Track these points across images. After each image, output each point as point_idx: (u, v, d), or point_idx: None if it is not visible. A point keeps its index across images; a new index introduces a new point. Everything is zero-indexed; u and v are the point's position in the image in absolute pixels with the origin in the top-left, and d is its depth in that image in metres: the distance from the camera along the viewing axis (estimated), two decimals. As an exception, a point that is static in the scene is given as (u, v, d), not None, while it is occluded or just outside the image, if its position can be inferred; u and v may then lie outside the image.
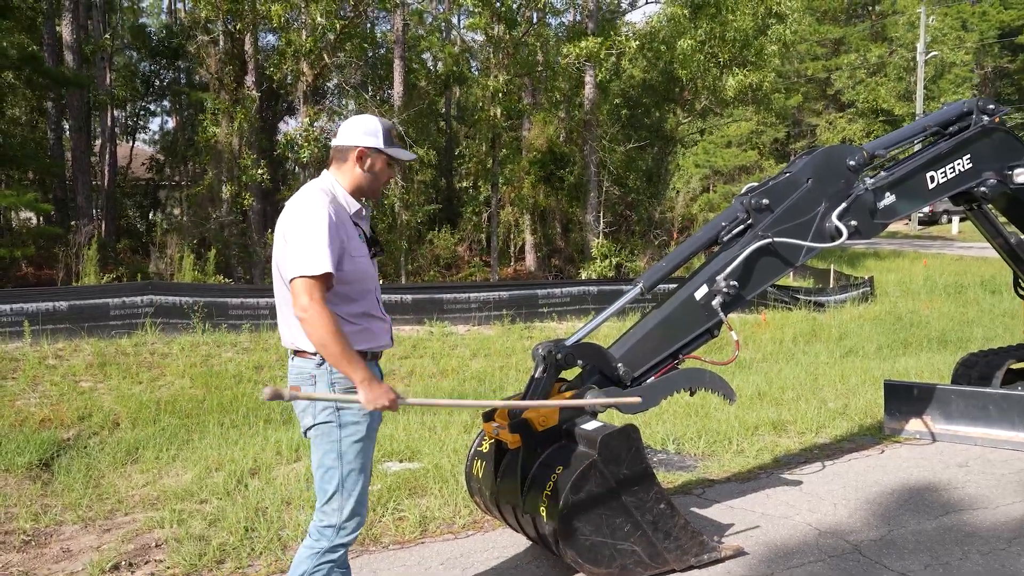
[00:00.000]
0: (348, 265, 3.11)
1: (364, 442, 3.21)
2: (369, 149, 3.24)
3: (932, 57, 41.04)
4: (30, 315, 11.69)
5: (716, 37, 23.38)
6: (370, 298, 3.25)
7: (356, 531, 3.24)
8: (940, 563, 4.23)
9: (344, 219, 3.15)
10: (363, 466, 3.22)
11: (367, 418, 3.19)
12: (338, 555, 3.22)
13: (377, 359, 3.37)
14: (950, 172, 5.58)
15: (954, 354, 10.38)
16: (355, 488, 3.19)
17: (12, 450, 6.56)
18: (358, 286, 3.18)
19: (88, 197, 21.84)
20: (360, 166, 3.24)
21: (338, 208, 3.15)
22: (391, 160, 3.32)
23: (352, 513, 3.19)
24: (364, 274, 3.19)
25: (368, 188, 3.29)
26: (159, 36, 30.42)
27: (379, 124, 3.26)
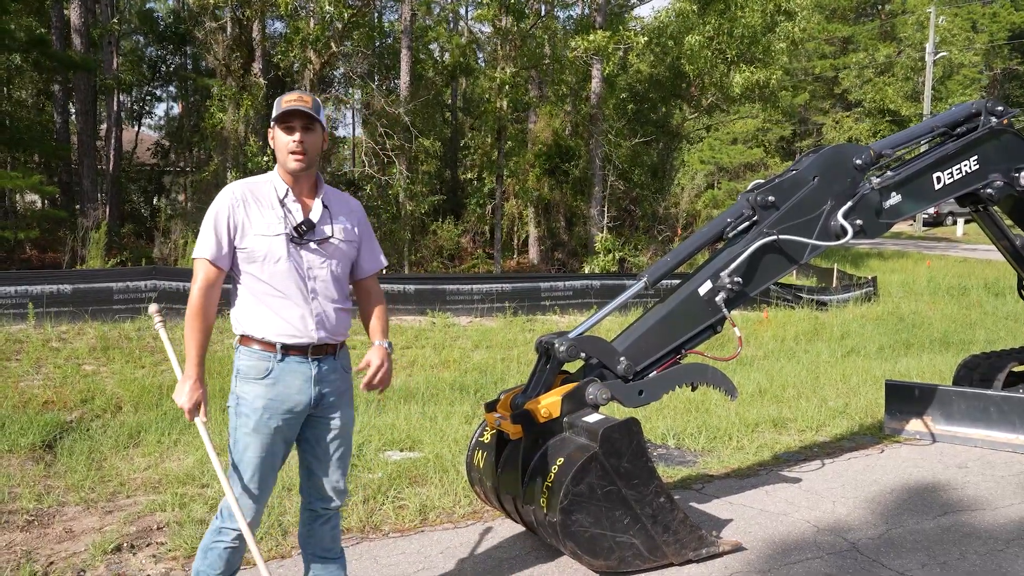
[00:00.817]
0: (249, 243, 3.15)
1: (254, 436, 3.16)
2: (270, 128, 3.25)
3: (941, 58, 40.91)
4: (34, 297, 11.71)
5: (724, 33, 23.32)
6: (278, 279, 3.17)
7: (248, 521, 3.16)
8: (937, 562, 4.25)
9: (258, 200, 3.19)
10: (253, 460, 3.16)
11: (257, 412, 3.15)
12: (229, 538, 3.22)
13: (301, 353, 3.20)
14: (957, 173, 5.58)
15: (956, 356, 10.38)
16: (242, 478, 3.17)
17: (15, 431, 6.59)
18: (266, 267, 3.16)
19: (93, 181, 21.86)
20: (273, 147, 3.25)
21: (256, 191, 3.21)
22: (284, 125, 3.17)
23: (232, 502, 3.16)
24: (267, 254, 3.15)
25: (281, 163, 3.23)
26: (166, 21, 30.40)
27: (277, 100, 3.24)
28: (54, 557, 4.29)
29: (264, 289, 3.18)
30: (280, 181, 3.25)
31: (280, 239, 3.16)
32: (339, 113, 31.70)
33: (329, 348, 3.28)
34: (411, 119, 20.51)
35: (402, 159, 20.38)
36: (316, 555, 3.46)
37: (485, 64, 27.02)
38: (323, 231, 3.26)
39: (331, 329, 3.27)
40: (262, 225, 3.16)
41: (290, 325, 3.18)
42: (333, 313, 3.28)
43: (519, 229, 28.17)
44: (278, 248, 3.16)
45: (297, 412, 3.21)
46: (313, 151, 3.22)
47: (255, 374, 3.18)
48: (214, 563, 3.24)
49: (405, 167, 20.47)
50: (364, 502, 5.01)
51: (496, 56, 22.23)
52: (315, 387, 3.23)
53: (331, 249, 3.28)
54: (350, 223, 3.37)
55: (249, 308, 3.22)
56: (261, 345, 3.19)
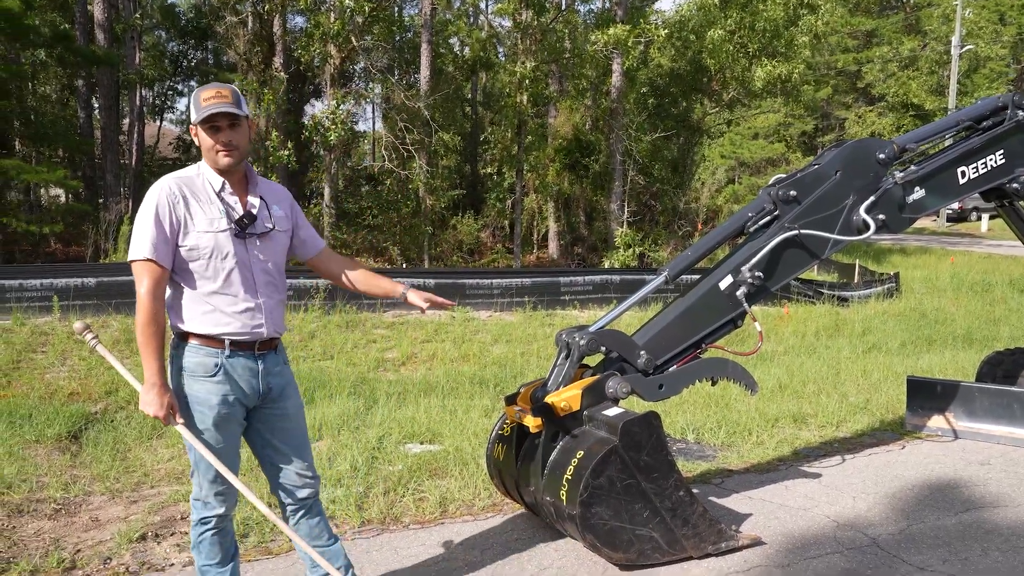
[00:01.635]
0: (193, 240, 3.07)
1: (213, 431, 3.16)
2: (192, 126, 3.15)
3: (967, 51, 40.40)
4: (59, 290, 11.86)
5: (746, 27, 23.17)
6: (227, 277, 3.12)
7: (223, 506, 3.23)
8: (959, 559, 4.23)
9: (196, 195, 3.11)
10: (213, 449, 3.15)
11: (215, 409, 3.14)
12: (209, 526, 3.26)
13: (249, 349, 3.19)
14: (982, 168, 5.53)
15: (979, 352, 10.28)
16: (210, 470, 3.17)
17: (42, 422, 6.69)
18: (209, 263, 3.09)
19: (116, 175, 22.09)
20: (198, 142, 3.18)
21: (191, 185, 3.13)
22: (208, 126, 3.08)
23: (209, 490, 3.22)
24: (211, 249, 3.08)
25: (211, 161, 3.15)
26: (188, 16, 30.65)
27: (192, 96, 3.15)
28: (81, 545, 4.36)
29: (209, 286, 3.11)
30: (213, 174, 3.17)
31: (225, 234, 3.10)
32: (359, 108, 31.79)
33: (273, 343, 3.29)
34: (431, 113, 20.56)
35: (422, 154, 20.44)
36: (311, 546, 3.44)
37: (505, 58, 27.02)
38: (264, 224, 3.22)
39: (276, 324, 3.26)
40: (204, 221, 3.09)
41: (238, 321, 3.14)
42: (276, 307, 3.26)
43: (539, 224, 28.18)
44: (224, 243, 3.10)
45: (245, 403, 3.22)
46: (243, 146, 3.16)
47: (203, 371, 3.13)
48: (209, 553, 3.29)
49: (425, 161, 20.52)
50: (385, 494, 5.05)
51: (516, 50, 22.23)
52: (262, 381, 3.23)
53: (271, 242, 3.24)
54: (283, 211, 3.33)
55: (194, 306, 3.13)
56: (207, 341, 3.14)
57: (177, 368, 3.17)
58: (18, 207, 20.72)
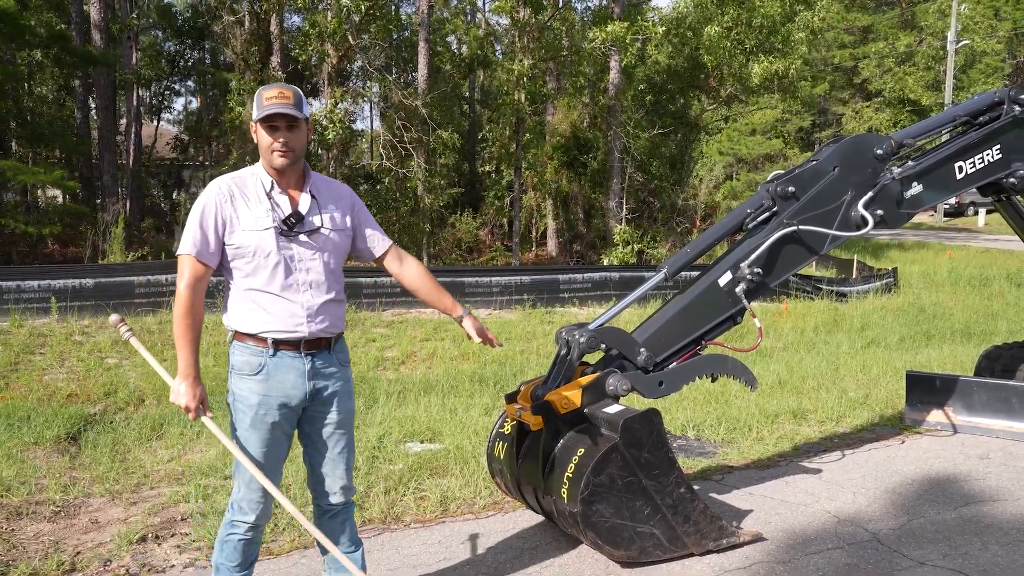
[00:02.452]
0: (238, 239, 3.10)
1: (252, 431, 3.16)
2: (252, 123, 3.19)
3: (963, 46, 40.40)
4: (57, 292, 11.85)
5: (743, 23, 23.15)
6: (271, 275, 3.13)
7: (254, 514, 3.21)
8: (959, 553, 4.23)
9: (245, 195, 3.15)
10: (255, 454, 3.17)
11: (252, 409, 3.15)
12: (241, 530, 3.24)
13: (294, 348, 3.17)
14: (979, 162, 5.53)
15: (978, 347, 10.29)
16: (247, 473, 3.16)
17: (41, 424, 6.69)
18: (253, 261, 3.12)
19: (114, 176, 22.05)
20: (256, 139, 3.20)
21: (242, 186, 3.17)
22: (267, 125, 3.12)
23: (244, 496, 3.21)
24: (256, 248, 3.10)
25: (265, 160, 3.19)
26: (184, 16, 30.58)
27: (256, 94, 3.17)
28: (81, 547, 4.36)
29: (253, 284, 3.14)
30: (265, 174, 3.20)
31: (269, 233, 3.12)
32: (357, 106, 31.76)
33: (323, 342, 3.25)
34: (429, 112, 20.54)
35: (420, 152, 20.42)
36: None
37: (503, 56, 27.01)
38: (312, 222, 3.20)
39: (324, 323, 3.22)
40: (250, 220, 3.11)
41: (281, 320, 3.14)
42: (326, 306, 3.23)
43: (537, 221, 28.17)
44: (267, 242, 3.11)
45: (292, 406, 3.20)
46: (299, 148, 3.16)
47: (248, 370, 3.15)
48: (231, 555, 3.28)
49: (423, 160, 20.50)
50: (385, 493, 5.05)
51: (514, 48, 22.22)
52: (310, 382, 3.20)
53: (321, 240, 3.22)
54: (340, 212, 3.31)
55: (240, 304, 3.18)
56: (253, 340, 3.16)
57: (230, 366, 3.23)
58: (15, 208, 20.69)
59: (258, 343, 3.15)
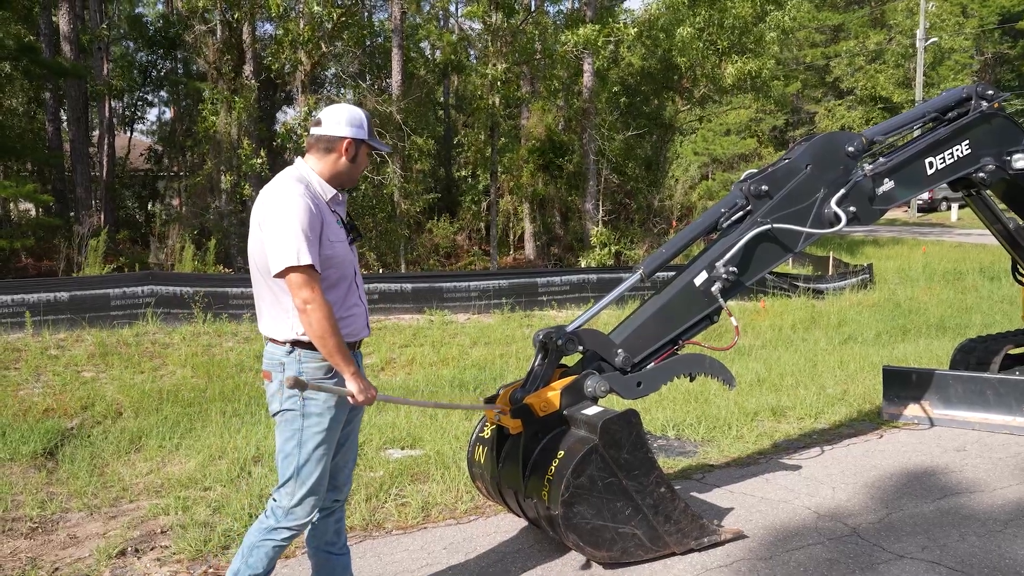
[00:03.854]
0: (327, 251, 3.15)
1: (326, 434, 3.21)
2: (356, 140, 3.28)
3: (931, 44, 40.90)
4: (31, 306, 11.71)
5: (715, 24, 23.34)
6: (349, 285, 3.28)
7: (305, 520, 3.26)
8: (937, 545, 4.28)
9: (321, 206, 3.19)
10: (321, 458, 3.23)
11: (331, 411, 3.20)
12: (282, 537, 3.26)
13: (356, 348, 3.37)
14: (949, 158, 5.60)
15: (952, 340, 10.42)
16: (310, 478, 3.21)
17: (16, 439, 6.60)
18: (337, 272, 3.21)
19: (87, 188, 21.83)
20: (347, 156, 3.26)
21: (314, 196, 3.18)
22: (371, 151, 3.39)
23: (302, 500, 3.23)
24: (343, 260, 3.22)
25: (348, 177, 3.33)
26: (156, 26, 30.32)
27: (363, 115, 3.31)
28: (59, 563, 4.30)
29: (339, 292, 3.23)
30: (327, 185, 3.28)
31: (344, 244, 3.26)
32: (331, 114, 31.59)
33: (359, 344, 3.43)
34: (404, 118, 20.51)
35: (396, 158, 20.38)
36: (320, 549, 3.49)
37: (476, 61, 27.02)
38: (358, 231, 3.45)
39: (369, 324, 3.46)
40: (334, 232, 3.21)
41: (359, 324, 3.32)
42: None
43: (514, 225, 28.18)
44: (347, 252, 3.26)
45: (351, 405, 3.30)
46: None
47: (323, 374, 3.19)
48: (259, 562, 3.25)
49: (399, 166, 20.47)
50: (367, 500, 5.03)
51: (487, 53, 22.22)
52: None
53: (356, 248, 3.43)
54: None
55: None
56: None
57: (297, 372, 3.17)
58: (-13, 223, 20.42)
59: None
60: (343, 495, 3.50)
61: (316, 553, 3.50)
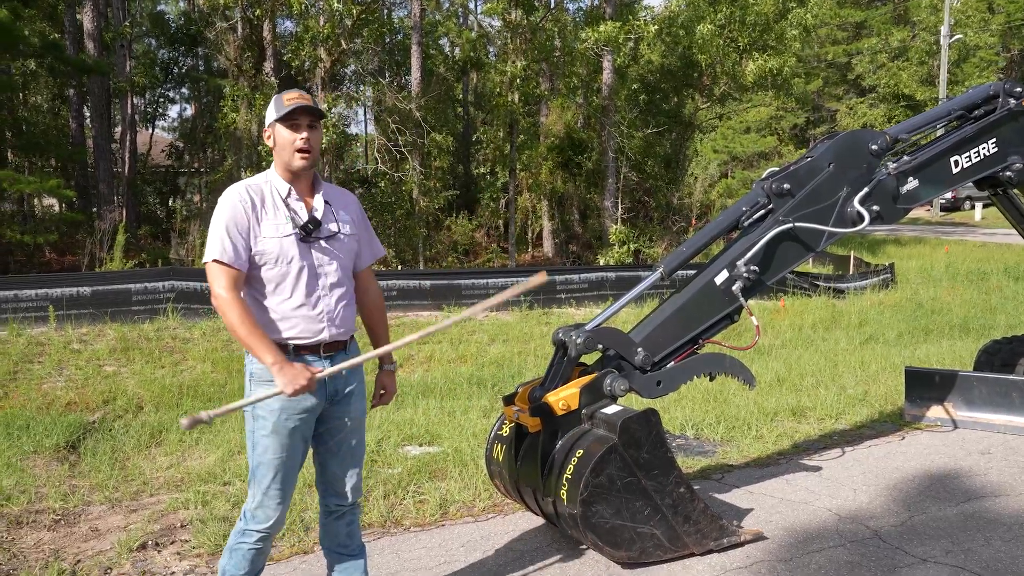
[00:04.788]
0: (259, 246, 3.11)
1: (273, 437, 3.15)
2: (269, 126, 3.21)
3: (956, 40, 40.45)
4: (54, 300, 11.84)
5: (736, 21, 23.18)
6: (293, 282, 3.15)
7: (268, 523, 3.21)
8: (961, 549, 4.23)
9: (263, 202, 3.15)
10: (274, 461, 3.17)
11: (275, 413, 3.14)
12: (252, 540, 3.24)
13: (313, 351, 3.20)
14: (975, 156, 5.52)
15: (976, 341, 10.30)
16: (264, 480, 3.18)
17: (40, 432, 6.66)
18: (274, 268, 3.13)
19: (109, 184, 22.03)
20: (272, 143, 3.21)
21: (259, 192, 3.16)
22: (289, 123, 3.14)
23: (261, 503, 3.20)
24: (280, 255, 3.12)
25: (284, 162, 3.19)
26: (178, 23, 30.54)
27: (274, 98, 3.22)
28: (81, 555, 4.34)
29: (275, 291, 3.15)
30: (280, 181, 3.21)
31: (291, 239, 3.14)
32: (351, 111, 31.75)
33: (340, 344, 3.30)
34: (423, 115, 20.53)
35: (415, 155, 20.42)
36: (334, 551, 3.48)
37: (496, 58, 26.98)
38: (329, 227, 3.26)
39: (341, 325, 3.27)
40: (271, 227, 3.13)
41: (303, 326, 3.17)
42: (342, 309, 3.28)
43: (533, 223, 28.16)
44: (289, 248, 3.14)
45: (312, 410, 3.21)
46: (317, 149, 3.21)
47: (269, 376, 3.11)
48: (239, 564, 3.27)
49: (418, 163, 20.50)
50: (384, 497, 5.04)
51: (506, 50, 22.20)
52: (329, 384, 3.24)
53: (338, 245, 3.28)
54: (350, 216, 3.37)
55: (258, 311, 3.17)
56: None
57: (248, 374, 3.21)
58: (12, 218, 20.65)
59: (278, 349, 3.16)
60: (348, 500, 3.41)
61: (329, 554, 3.50)
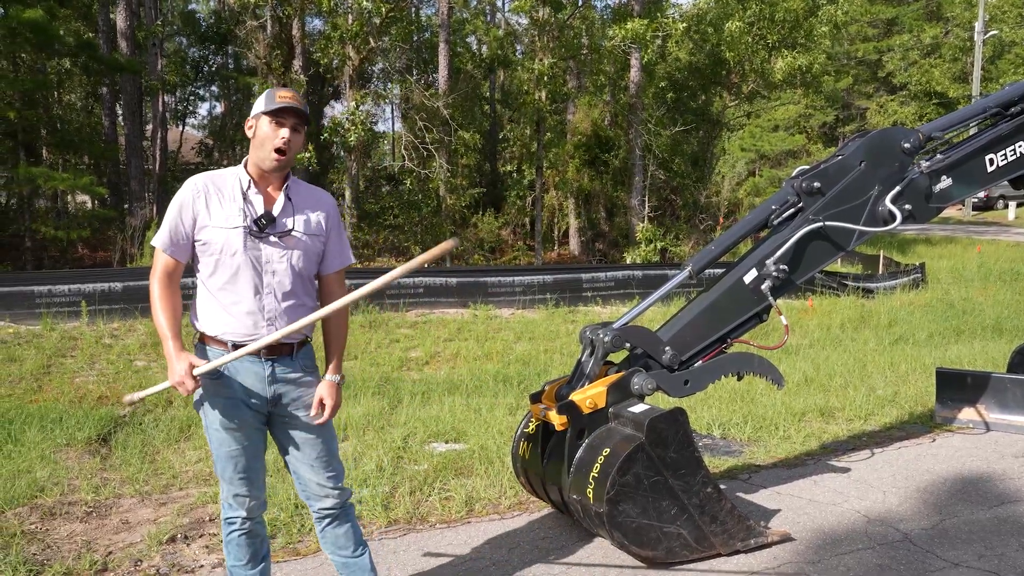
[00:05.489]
0: (204, 236, 3.08)
1: (222, 432, 3.15)
2: (253, 117, 3.15)
3: (991, 36, 39.78)
4: (87, 295, 12.02)
5: (765, 18, 22.99)
6: (233, 275, 3.08)
7: (244, 508, 3.24)
8: (995, 554, 4.16)
9: (220, 192, 3.12)
10: (230, 453, 3.18)
11: (217, 411, 3.13)
12: (232, 529, 3.27)
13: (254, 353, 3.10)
14: (1011, 155, 5.43)
15: (1010, 343, 10.14)
16: (226, 472, 3.20)
17: (73, 425, 6.76)
18: (215, 259, 3.09)
19: (141, 181, 22.31)
20: (250, 134, 3.16)
21: (219, 183, 3.14)
22: (275, 119, 3.08)
23: (231, 492, 3.23)
24: (223, 246, 3.06)
25: (258, 156, 3.13)
26: (208, 22, 30.85)
27: (266, 92, 3.17)
28: (112, 547, 4.40)
29: (218, 284, 3.11)
30: (244, 174, 3.17)
31: (237, 232, 3.07)
32: (378, 108, 31.89)
33: (285, 348, 3.18)
34: (450, 112, 20.57)
35: (442, 152, 20.46)
36: (335, 554, 3.44)
37: (523, 56, 26.97)
38: (284, 224, 3.14)
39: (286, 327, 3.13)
40: (221, 217, 3.08)
41: (240, 323, 3.10)
42: (289, 311, 3.15)
43: (559, 220, 28.11)
44: (234, 241, 3.07)
45: (256, 407, 3.18)
46: (294, 153, 3.15)
47: (214, 370, 3.10)
48: (237, 553, 3.30)
49: (445, 160, 20.54)
50: (411, 494, 5.05)
51: (534, 47, 22.17)
52: (271, 387, 3.17)
53: (292, 243, 3.15)
54: (315, 217, 3.23)
55: (204, 304, 3.16)
56: (214, 343, 3.14)
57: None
58: (46, 214, 20.95)
59: (218, 345, 3.14)
60: (328, 504, 3.32)
61: (332, 557, 3.47)
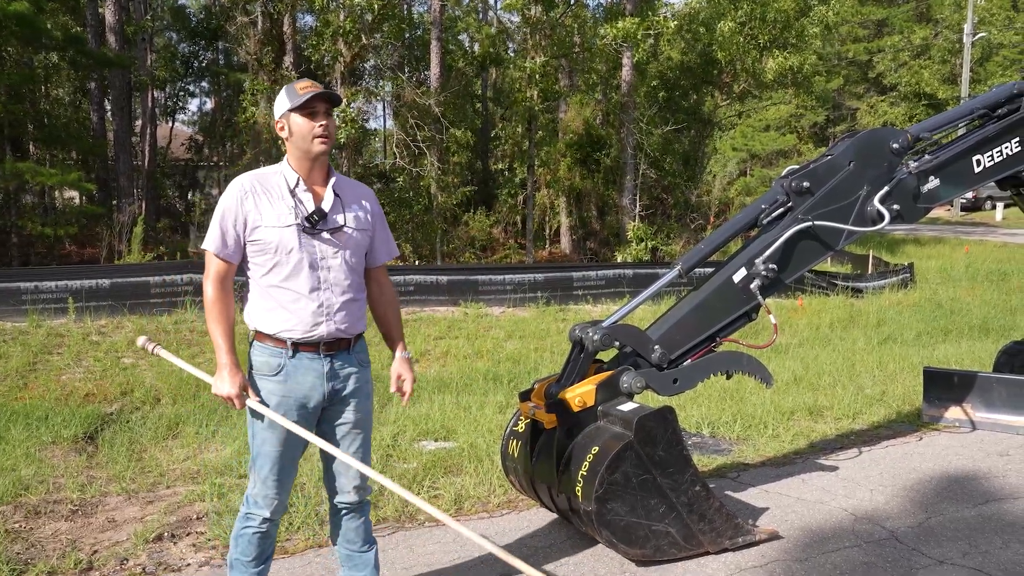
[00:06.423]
0: (257, 235, 3.10)
1: (271, 430, 3.16)
2: (283, 115, 3.16)
3: (980, 39, 39.99)
4: (74, 292, 11.95)
5: (756, 18, 23.04)
6: (290, 273, 3.11)
7: (269, 508, 3.24)
8: (979, 551, 4.19)
9: (268, 191, 3.13)
10: (272, 453, 3.19)
11: (274, 410, 3.14)
12: (254, 523, 3.26)
13: (312, 349, 3.16)
14: (998, 156, 5.46)
15: (996, 342, 10.20)
16: (263, 470, 3.20)
17: (59, 423, 6.73)
18: (271, 258, 3.11)
19: (129, 177, 22.21)
20: (285, 134, 3.18)
21: (265, 183, 3.16)
22: (306, 111, 3.10)
23: (259, 490, 3.23)
24: (279, 245, 3.09)
25: (300, 151, 3.15)
26: (198, 17, 30.72)
27: (285, 88, 3.19)
28: (98, 546, 4.38)
29: (274, 282, 3.13)
30: (290, 171, 3.18)
31: (291, 230, 3.09)
32: (370, 105, 31.84)
33: (343, 343, 3.24)
34: (442, 110, 20.54)
35: (433, 150, 20.43)
36: (342, 546, 3.47)
37: (515, 54, 26.97)
38: (336, 220, 3.19)
39: (344, 323, 3.20)
40: (272, 216, 3.09)
41: (300, 320, 3.12)
42: (346, 306, 3.21)
43: (551, 219, 28.13)
44: (289, 239, 3.09)
45: (311, 408, 3.20)
46: (334, 134, 3.18)
47: (267, 370, 3.15)
48: (245, 549, 3.29)
49: (436, 158, 20.51)
50: (399, 491, 5.04)
51: (526, 46, 22.17)
52: (328, 383, 3.20)
53: (344, 238, 3.20)
54: (363, 211, 3.29)
55: (260, 303, 3.17)
56: (273, 341, 3.15)
57: (249, 365, 3.23)
58: (33, 210, 20.83)
59: (277, 344, 3.15)
60: (350, 499, 3.38)
61: (339, 549, 3.50)
